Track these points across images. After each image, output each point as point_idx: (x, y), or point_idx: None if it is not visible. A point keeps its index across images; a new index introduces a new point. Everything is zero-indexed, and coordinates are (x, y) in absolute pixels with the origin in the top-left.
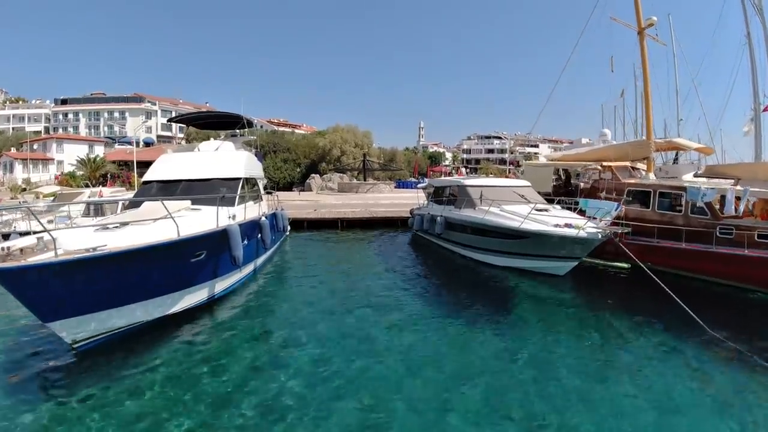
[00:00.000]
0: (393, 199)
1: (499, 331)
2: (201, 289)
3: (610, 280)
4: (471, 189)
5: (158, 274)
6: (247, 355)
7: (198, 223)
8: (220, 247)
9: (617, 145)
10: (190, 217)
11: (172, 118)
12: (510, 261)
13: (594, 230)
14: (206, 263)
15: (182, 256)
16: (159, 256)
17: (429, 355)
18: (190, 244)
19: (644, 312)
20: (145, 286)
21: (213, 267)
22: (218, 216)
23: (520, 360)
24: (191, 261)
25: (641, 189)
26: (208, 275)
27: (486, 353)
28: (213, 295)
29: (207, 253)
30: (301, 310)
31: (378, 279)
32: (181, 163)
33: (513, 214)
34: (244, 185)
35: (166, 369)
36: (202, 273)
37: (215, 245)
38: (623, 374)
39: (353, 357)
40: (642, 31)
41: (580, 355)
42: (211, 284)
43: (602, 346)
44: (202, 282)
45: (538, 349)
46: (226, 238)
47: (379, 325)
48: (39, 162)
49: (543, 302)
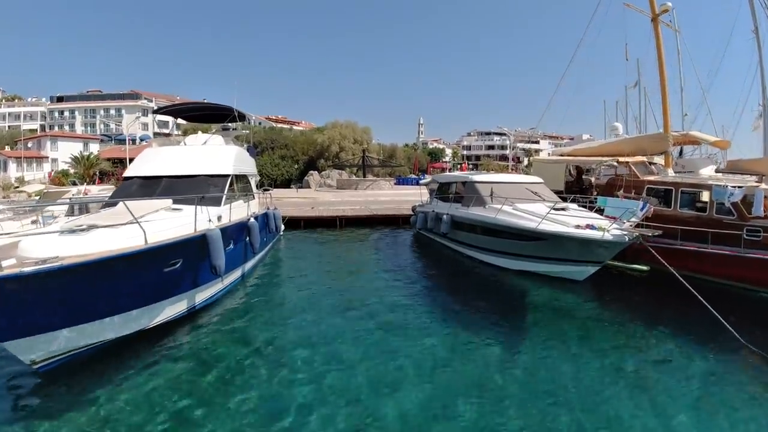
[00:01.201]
0: (393, 196)
1: (512, 343)
2: (179, 300)
3: (629, 285)
4: (480, 185)
5: (125, 287)
6: (228, 375)
7: (175, 226)
8: (199, 254)
9: (632, 138)
10: (167, 219)
11: (158, 109)
12: (524, 264)
13: (619, 232)
14: (183, 272)
15: (152, 265)
16: (122, 267)
17: (436, 368)
18: (161, 253)
19: (671, 321)
20: (109, 301)
21: (192, 276)
22: (196, 219)
23: (534, 376)
24: (165, 271)
25: (662, 186)
26: (187, 285)
27: (496, 367)
28: (194, 305)
29: (184, 261)
30: (291, 321)
31: (379, 284)
32: (164, 158)
33: (528, 213)
34: (234, 182)
35: (136, 391)
36: (179, 283)
37: (193, 252)
38: (653, 392)
39: (351, 377)
40: (656, 18)
41: (604, 374)
42: (190, 295)
43: (628, 362)
44: (180, 293)
45: (555, 364)
46: (205, 244)
47: (381, 337)
48: (33, 160)
49: (558, 310)
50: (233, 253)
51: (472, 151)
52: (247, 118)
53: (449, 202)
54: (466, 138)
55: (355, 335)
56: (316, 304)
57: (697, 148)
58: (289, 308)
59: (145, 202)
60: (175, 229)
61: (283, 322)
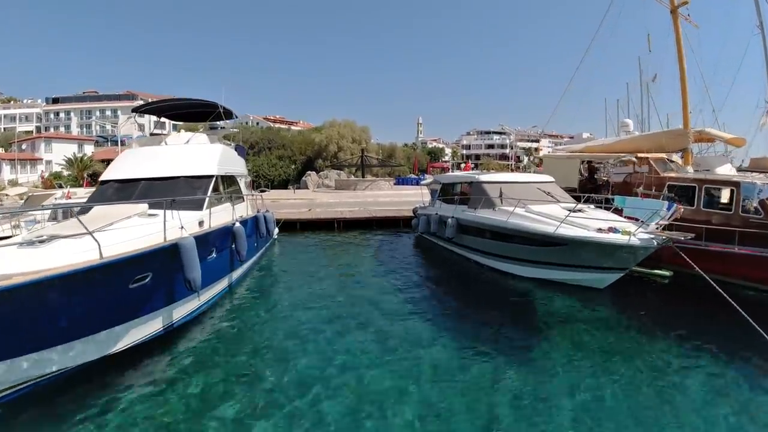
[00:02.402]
0: (393, 196)
1: (526, 360)
2: (152, 319)
3: (651, 291)
4: (488, 186)
5: (80, 308)
6: (206, 408)
7: (146, 234)
8: (173, 265)
9: (650, 134)
10: (137, 227)
11: (139, 107)
12: (539, 272)
13: (647, 236)
14: (155, 287)
15: (113, 282)
16: (74, 286)
17: (443, 393)
18: (120, 267)
19: (701, 331)
20: (65, 325)
21: (167, 291)
22: (166, 226)
23: (553, 400)
24: (131, 287)
25: (684, 184)
26: (160, 301)
27: (507, 388)
28: (171, 324)
29: (154, 275)
30: (278, 339)
31: (380, 295)
32: (142, 160)
33: (543, 215)
34: (219, 184)
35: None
36: (150, 300)
37: (164, 264)
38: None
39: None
40: (675, 10)
41: (636, 393)
42: (166, 312)
43: (659, 385)
44: (153, 311)
45: (576, 386)
46: (178, 255)
47: (380, 358)
48: (27, 162)
49: (578, 321)
50: (216, 262)
51: (472, 150)
52: (234, 115)
53: (454, 204)
54: (466, 137)
55: (355, 361)
56: (308, 320)
57: (711, 146)
58: (277, 323)
59: (118, 207)
60: (145, 238)
61: (268, 338)
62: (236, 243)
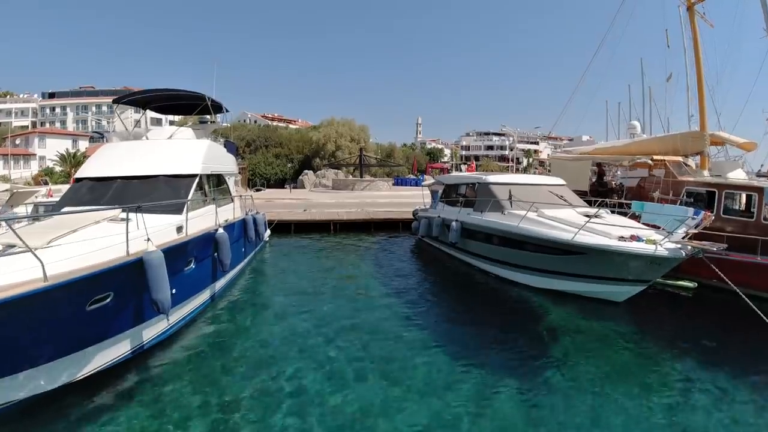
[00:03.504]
0: (392, 197)
1: (533, 380)
2: (118, 342)
3: (674, 305)
4: (496, 187)
5: (26, 335)
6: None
7: (110, 245)
8: (140, 282)
9: (663, 137)
10: (101, 238)
11: (120, 98)
12: (552, 282)
13: (674, 246)
14: (118, 308)
15: (65, 305)
16: (12, 313)
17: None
18: (72, 289)
19: (733, 353)
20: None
21: (134, 310)
22: (128, 238)
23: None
24: (89, 309)
25: (703, 188)
26: (127, 322)
27: (517, 414)
28: (141, 345)
29: (116, 294)
30: (262, 358)
31: (376, 305)
32: (119, 156)
33: (558, 221)
34: (203, 184)
35: None
36: (114, 322)
37: (129, 282)
38: None
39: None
40: (691, 7)
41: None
42: (134, 333)
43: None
44: (118, 333)
45: (591, 412)
46: (143, 271)
47: (382, 378)
48: (21, 158)
49: (592, 339)
50: (196, 273)
51: (471, 151)
52: (225, 109)
53: (458, 206)
54: (465, 138)
55: (350, 384)
56: (296, 337)
57: (720, 150)
58: (262, 340)
59: (85, 212)
60: (109, 250)
61: (251, 359)
62: (219, 251)
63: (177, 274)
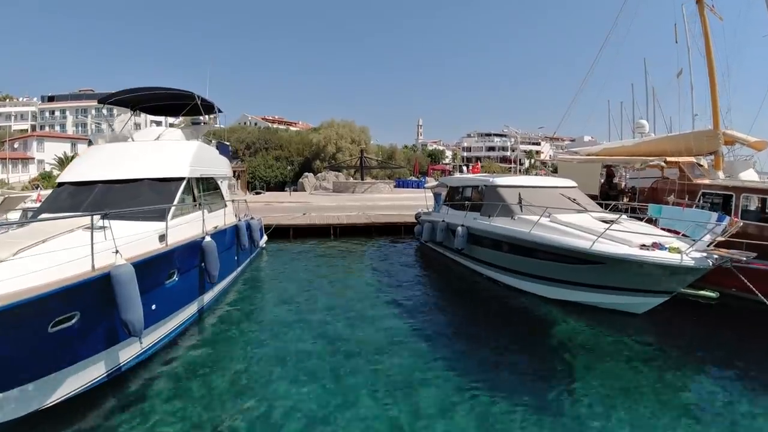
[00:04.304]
0: (393, 200)
1: (544, 397)
2: (90, 365)
3: (695, 316)
4: (505, 191)
5: None
6: None
7: (83, 257)
8: (110, 300)
9: (675, 136)
10: (71, 249)
11: (106, 98)
12: (566, 293)
13: (699, 254)
14: (86, 329)
15: (22, 328)
16: None
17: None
18: (28, 309)
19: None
20: None
21: (106, 330)
22: (93, 252)
23: None
24: (51, 331)
25: (720, 191)
26: (98, 344)
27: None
28: (117, 367)
29: (83, 314)
30: (253, 378)
31: (378, 315)
32: (103, 159)
33: (573, 227)
34: (192, 188)
35: None
36: (83, 344)
37: (97, 300)
38: None
39: None
40: (701, 0)
41: None
42: (109, 354)
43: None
44: (90, 355)
45: None
46: (111, 288)
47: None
48: (19, 161)
49: (609, 353)
50: (180, 286)
51: (473, 152)
52: (217, 109)
53: (464, 210)
54: (466, 139)
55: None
56: (292, 355)
57: (730, 149)
58: (253, 358)
59: (59, 220)
60: (77, 263)
61: (241, 379)
62: (206, 261)
63: (157, 287)
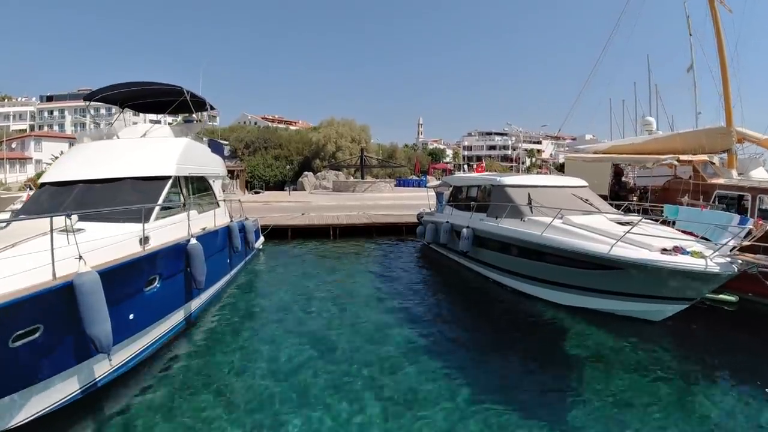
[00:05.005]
0: (394, 199)
1: (556, 410)
2: (60, 381)
3: (715, 322)
4: (513, 190)
5: None
6: None
7: (42, 264)
8: (71, 312)
9: (686, 133)
10: (39, 253)
11: (91, 94)
12: (580, 299)
13: (723, 260)
14: (52, 342)
15: None
16: None
17: None
18: None
19: None
20: None
21: (75, 343)
22: (54, 258)
23: None
24: (12, 346)
25: (735, 192)
26: (68, 358)
27: None
28: (93, 381)
29: (47, 327)
30: (243, 396)
31: (380, 322)
32: (86, 158)
33: (588, 230)
34: (180, 187)
35: None
36: (50, 358)
37: (64, 311)
38: None
39: None
40: None
41: None
42: (82, 369)
43: None
44: (59, 371)
45: None
46: (73, 300)
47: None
48: (16, 161)
49: (625, 364)
50: (161, 294)
51: (473, 151)
52: (209, 105)
53: (469, 211)
54: (467, 138)
55: None
56: (286, 369)
57: (740, 148)
58: (244, 370)
59: (30, 222)
60: (44, 269)
61: (231, 396)
62: (192, 265)
63: (136, 294)
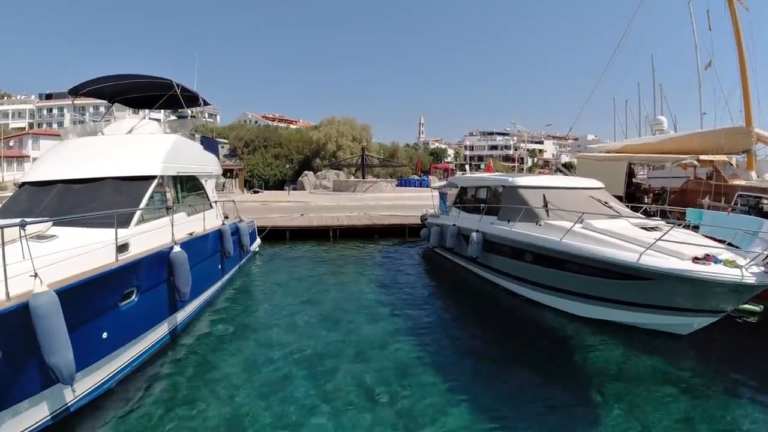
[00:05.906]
0: (396, 199)
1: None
2: (27, 408)
3: (739, 334)
4: (527, 192)
5: None
6: None
7: (17, 275)
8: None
9: (704, 132)
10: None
11: (76, 87)
12: (601, 311)
13: (760, 270)
14: (16, 367)
15: None
16: None
17: None
18: None
19: None
20: None
21: (39, 368)
22: (7, 276)
23: None
24: None
25: (758, 194)
26: (33, 383)
27: None
28: (65, 406)
29: (5, 353)
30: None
31: (383, 331)
32: (69, 155)
33: (612, 235)
34: (167, 187)
35: None
36: (14, 383)
37: (20, 335)
38: None
39: None
40: None
41: None
42: (50, 393)
43: None
44: (25, 396)
45: None
46: (30, 321)
47: None
48: (14, 159)
49: (645, 380)
50: (140, 308)
51: (475, 151)
52: (202, 101)
53: (478, 213)
54: (469, 138)
55: None
56: (282, 388)
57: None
58: (235, 389)
59: None
60: (13, 281)
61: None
62: (175, 275)
63: (109, 311)
